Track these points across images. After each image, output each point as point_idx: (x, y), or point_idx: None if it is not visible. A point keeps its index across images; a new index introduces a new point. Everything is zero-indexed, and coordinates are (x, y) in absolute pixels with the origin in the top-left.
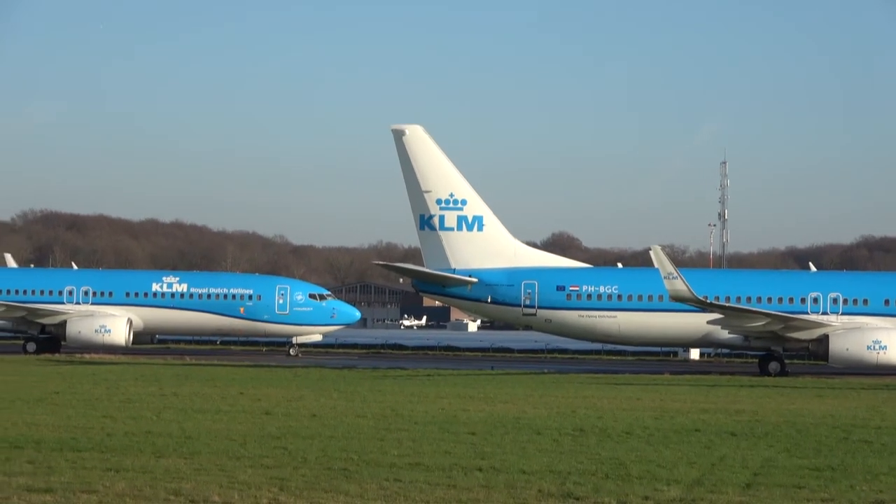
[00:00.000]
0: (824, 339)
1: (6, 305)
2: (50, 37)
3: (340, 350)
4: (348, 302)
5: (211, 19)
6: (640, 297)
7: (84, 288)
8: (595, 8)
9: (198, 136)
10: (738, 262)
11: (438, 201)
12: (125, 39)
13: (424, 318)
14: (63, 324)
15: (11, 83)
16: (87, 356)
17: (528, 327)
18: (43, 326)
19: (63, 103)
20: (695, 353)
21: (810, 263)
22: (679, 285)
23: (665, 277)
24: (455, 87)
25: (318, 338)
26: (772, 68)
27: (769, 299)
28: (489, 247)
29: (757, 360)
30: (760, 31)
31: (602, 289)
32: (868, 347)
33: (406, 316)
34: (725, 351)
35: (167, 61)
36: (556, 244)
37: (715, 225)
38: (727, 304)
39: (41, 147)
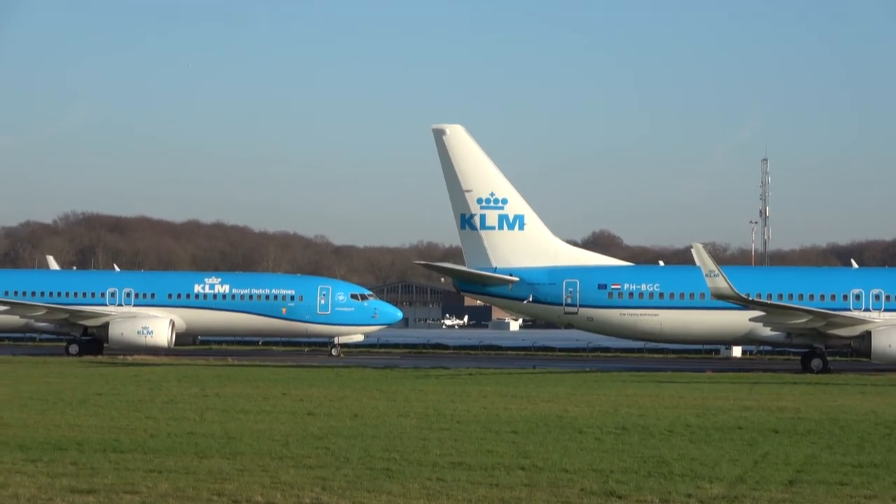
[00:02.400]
0: (867, 336)
1: (49, 308)
2: (91, 40)
3: (382, 350)
4: (390, 302)
5: (250, 22)
6: (681, 295)
7: (126, 290)
8: (636, 6)
9: (239, 138)
10: (780, 260)
11: (479, 200)
12: (166, 43)
13: (466, 317)
14: (105, 325)
15: (53, 86)
16: (129, 358)
17: (569, 326)
18: (85, 328)
19: (104, 106)
20: (737, 351)
21: (852, 260)
22: (721, 283)
23: (707, 275)
24: (496, 87)
25: (359, 338)
26: (813, 64)
27: (811, 296)
28: (530, 246)
29: (799, 357)
30: (802, 28)
31: (644, 287)
32: None
33: (447, 315)
34: (767, 348)
35: (209, 64)
36: (597, 242)
37: (756, 222)
38: (769, 302)
39: (83, 150)
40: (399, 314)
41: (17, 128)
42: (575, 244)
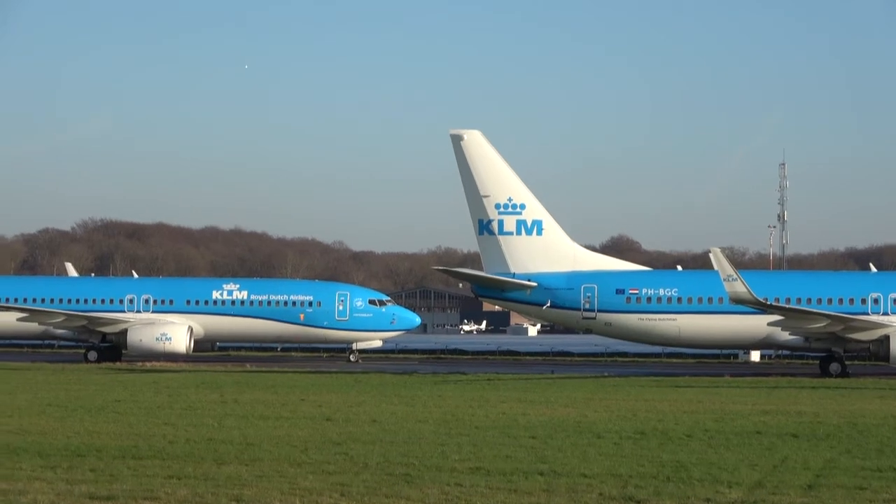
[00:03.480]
0: (885, 340)
1: (67, 314)
2: (110, 48)
3: (400, 355)
4: (408, 307)
5: (267, 28)
6: (699, 300)
7: (145, 296)
8: (651, 10)
9: (256, 144)
10: (798, 264)
11: (497, 206)
12: (183, 50)
13: (484, 322)
14: (124, 332)
15: (71, 94)
16: (148, 364)
17: (588, 331)
18: (104, 335)
19: (122, 113)
20: (755, 355)
21: (870, 264)
22: (739, 287)
23: (725, 280)
24: (514, 92)
25: (378, 343)
26: (830, 68)
27: (829, 300)
28: (548, 251)
29: (818, 362)
30: (819, 32)
31: (662, 292)
32: None
33: (466, 321)
34: (786, 352)
35: (226, 71)
36: (615, 247)
37: (774, 226)
38: (787, 306)
39: (101, 157)
40: (417, 320)
41: (35, 135)
42: (593, 249)
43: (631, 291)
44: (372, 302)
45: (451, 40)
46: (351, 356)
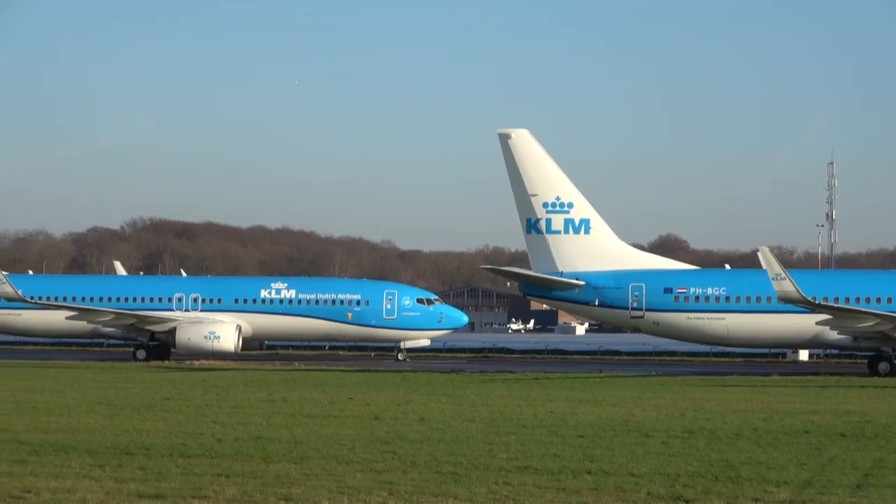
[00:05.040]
0: None
1: (116, 313)
2: (158, 49)
3: (448, 354)
4: (456, 306)
5: (315, 28)
6: (748, 299)
7: (193, 295)
8: (700, 8)
9: (304, 143)
10: (847, 263)
11: (545, 205)
12: (229, 48)
13: (532, 321)
14: (172, 331)
15: (120, 93)
16: (196, 363)
17: (636, 330)
18: (152, 333)
19: (171, 112)
20: (804, 355)
21: None
22: (787, 286)
23: (773, 279)
24: (561, 91)
25: (426, 342)
26: (879, 66)
27: (878, 299)
28: (596, 249)
29: (866, 361)
30: (867, 29)
31: (710, 290)
32: None
33: (513, 319)
34: (834, 352)
35: (272, 68)
36: (663, 246)
37: (823, 225)
38: (836, 305)
39: (150, 156)
40: (465, 318)
41: (84, 135)
42: (641, 248)
43: (679, 290)
44: (420, 301)
45: (498, 40)
46: (399, 355)
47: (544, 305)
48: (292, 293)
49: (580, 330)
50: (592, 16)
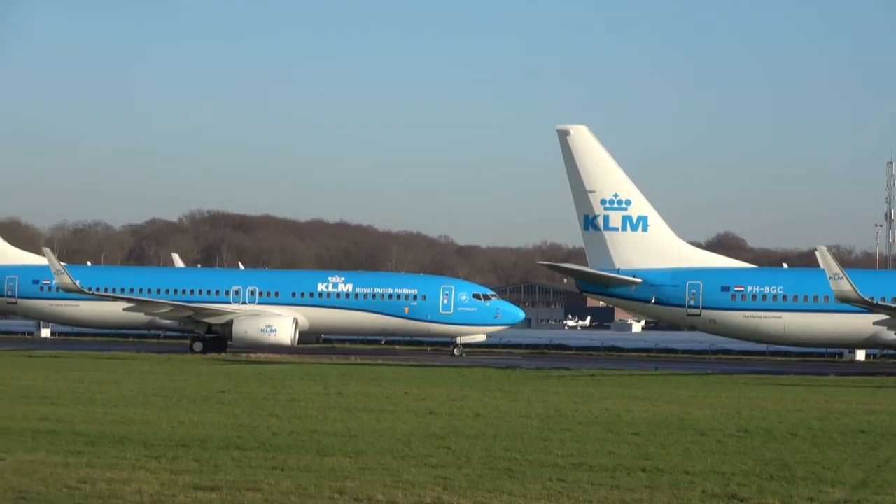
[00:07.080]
0: None
1: (174, 305)
2: (213, 43)
3: (504, 350)
4: (512, 302)
5: (373, 24)
6: (805, 298)
7: (250, 288)
8: (759, 7)
9: (363, 138)
10: None
11: (603, 201)
12: (285, 41)
13: (588, 318)
14: (229, 323)
15: (178, 87)
16: (252, 356)
17: (692, 328)
18: (209, 326)
19: (229, 105)
20: (860, 355)
21: None
22: (845, 286)
23: (831, 278)
24: (620, 87)
25: (482, 338)
26: None
27: None
28: (654, 247)
29: None
30: None
31: (767, 289)
32: None
33: (570, 316)
34: (891, 352)
35: (329, 62)
36: (721, 244)
37: (881, 225)
38: (894, 305)
39: (209, 149)
40: (521, 315)
41: (143, 127)
42: (699, 246)
43: (736, 289)
44: (476, 296)
45: (557, 36)
46: (455, 350)
47: (601, 302)
48: (349, 287)
49: (636, 327)
50: (649, 11)
